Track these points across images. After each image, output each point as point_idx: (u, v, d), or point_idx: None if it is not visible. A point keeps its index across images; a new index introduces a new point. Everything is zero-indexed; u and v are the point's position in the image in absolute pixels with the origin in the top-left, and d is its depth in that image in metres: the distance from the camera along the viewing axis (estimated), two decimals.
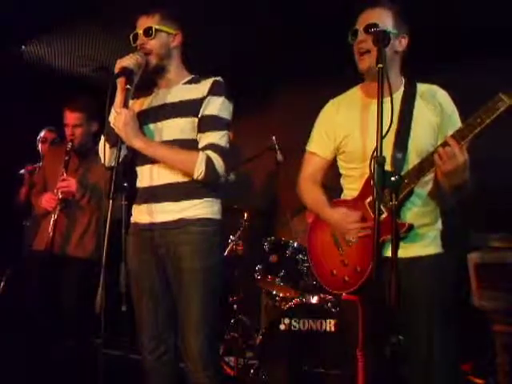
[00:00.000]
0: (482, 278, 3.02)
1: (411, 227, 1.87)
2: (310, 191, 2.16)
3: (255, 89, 4.73)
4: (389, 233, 1.72)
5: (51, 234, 2.96)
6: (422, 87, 2.00)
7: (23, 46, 4.27)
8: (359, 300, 1.92)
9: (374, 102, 1.79)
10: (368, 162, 1.81)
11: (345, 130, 2.04)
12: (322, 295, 3.24)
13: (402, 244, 1.85)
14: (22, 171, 4.01)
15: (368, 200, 1.95)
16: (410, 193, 1.88)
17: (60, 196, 3.00)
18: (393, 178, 1.70)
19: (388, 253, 1.80)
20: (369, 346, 1.85)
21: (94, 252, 3.08)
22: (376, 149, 1.63)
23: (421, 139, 1.91)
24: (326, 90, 2.28)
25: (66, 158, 3.06)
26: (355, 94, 2.10)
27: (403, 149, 1.89)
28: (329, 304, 3.16)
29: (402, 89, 1.99)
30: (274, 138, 4.02)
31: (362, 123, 1.98)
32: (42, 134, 4.01)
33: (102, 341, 1.85)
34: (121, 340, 1.96)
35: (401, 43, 1.96)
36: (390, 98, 1.69)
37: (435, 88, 2.01)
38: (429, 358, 1.84)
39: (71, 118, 3.12)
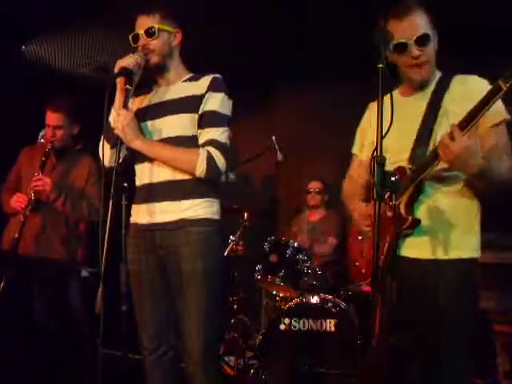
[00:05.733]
0: (482, 278, 3.02)
1: (416, 222, 1.83)
2: (350, 183, 2.19)
3: (255, 89, 4.73)
4: (394, 228, 1.75)
5: (17, 235, 2.85)
6: (456, 79, 1.92)
7: (23, 46, 4.27)
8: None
9: (407, 100, 1.93)
10: (398, 158, 1.88)
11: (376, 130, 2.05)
12: (322, 295, 3.24)
13: (418, 243, 1.84)
14: None
15: (386, 196, 1.94)
16: (422, 187, 1.84)
17: (33, 196, 2.90)
18: (393, 178, 1.70)
19: (401, 251, 1.84)
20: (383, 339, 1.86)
21: (70, 253, 3.05)
22: (376, 148, 1.63)
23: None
24: (326, 90, 2.29)
25: (44, 158, 2.96)
26: (392, 93, 2.08)
27: (425, 144, 1.84)
28: (329, 304, 3.16)
29: (434, 83, 1.94)
30: (274, 137, 4.02)
31: (392, 122, 1.99)
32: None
33: (102, 341, 1.85)
34: (121, 340, 1.96)
35: (437, 41, 1.92)
36: (389, 96, 1.70)
37: (470, 78, 1.92)
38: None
39: (53, 118, 3.02)
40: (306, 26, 3.82)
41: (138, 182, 2.22)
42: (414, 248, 1.88)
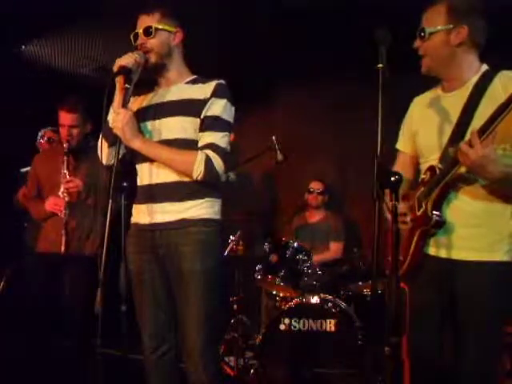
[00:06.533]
0: None
1: (439, 223, 1.82)
2: None
3: (255, 89, 4.74)
4: (420, 227, 1.78)
5: (64, 237, 2.93)
6: (500, 76, 1.84)
7: (23, 46, 4.27)
8: (407, 287, 1.94)
9: (447, 96, 1.93)
10: (432, 156, 1.91)
11: (415, 126, 2.05)
12: (322, 295, 3.24)
13: (443, 242, 1.85)
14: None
15: (418, 193, 1.94)
16: (449, 188, 1.83)
17: (67, 198, 2.97)
18: (393, 178, 1.70)
19: (428, 250, 1.87)
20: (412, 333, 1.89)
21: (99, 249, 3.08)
22: (376, 148, 1.63)
23: None
24: (326, 90, 2.28)
25: (65, 158, 3.03)
26: (436, 89, 2.05)
27: (457, 144, 1.78)
28: (329, 304, 3.16)
29: (475, 79, 1.87)
30: (274, 138, 4.02)
31: (429, 118, 1.98)
32: (48, 134, 3.97)
33: (101, 341, 1.84)
34: (121, 340, 1.96)
35: (458, 35, 1.85)
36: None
37: None
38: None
39: (68, 118, 3.08)
40: (306, 26, 3.82)
41: (139, 182, 2.22)
42: (438, 247, 1.88)
